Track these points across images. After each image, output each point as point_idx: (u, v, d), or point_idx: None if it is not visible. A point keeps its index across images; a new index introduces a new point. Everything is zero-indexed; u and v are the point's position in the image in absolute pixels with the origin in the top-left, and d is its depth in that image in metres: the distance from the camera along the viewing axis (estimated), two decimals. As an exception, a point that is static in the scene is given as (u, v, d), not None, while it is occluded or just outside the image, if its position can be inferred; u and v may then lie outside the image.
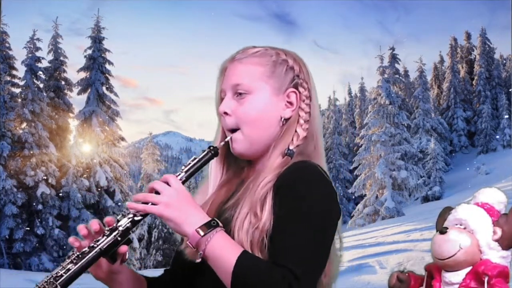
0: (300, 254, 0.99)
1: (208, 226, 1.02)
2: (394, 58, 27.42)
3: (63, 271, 1.01)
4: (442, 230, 1.64)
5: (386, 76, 26.36)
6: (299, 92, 1.19)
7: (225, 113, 1.17)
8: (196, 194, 1.24)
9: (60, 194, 20.55)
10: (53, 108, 21.91)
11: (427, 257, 2.16)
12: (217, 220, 1.04)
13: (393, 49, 27.66)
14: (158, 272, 1.32)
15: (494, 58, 35.38)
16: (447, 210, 1.76)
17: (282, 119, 1.17)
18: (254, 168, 1.21)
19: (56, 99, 22.12)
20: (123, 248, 1.07)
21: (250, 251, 1.03)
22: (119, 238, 1.05)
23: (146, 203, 1.05)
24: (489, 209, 1.65)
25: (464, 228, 1.63)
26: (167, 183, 1.06)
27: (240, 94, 1.16)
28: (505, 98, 32.11)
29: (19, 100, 20.74)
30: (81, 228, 1.09)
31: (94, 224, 1.09)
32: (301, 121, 1.18)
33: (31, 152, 19.84)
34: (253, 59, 1.19)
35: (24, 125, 20.55)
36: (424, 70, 32.97)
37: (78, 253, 1.03)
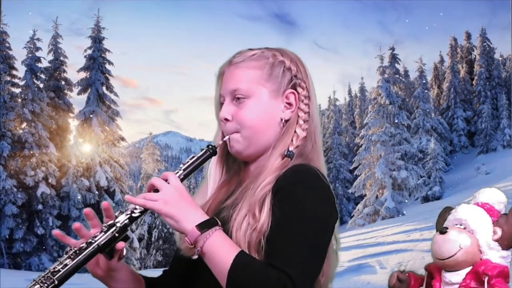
0: (295, 257, 1.00)
1: (208, 224, 1.03)
2: (394, 58, 27.41)
3: (61, 266, 1.02)
4: (442, 230, 1.63)
5: (386, 76, 26.35)
6: (298, 93, 1.19)
7: (226, 119, 1.18)
8: (196, 194, 1.24)
9: (60, 194, 20.56)
10: (53, 108, 21.90)
11: (427, 257, 2.16)
12: (216, 219, 1.04)
13: (393, 49, 27.66)
14: (158, 272, 1.32)
15: (494, 58, 35.30)
16: (447, 210, 1.76)
17: (282, 120, 1.18)
18: (253, 169, 1.21)
19: (56, 99, 22.10)
20: (121, 245, 1.07)
21: (247, 252, 1.03)
22: (116, 234, 1.05)
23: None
24: (489, 209, 1.65)
25: (464, 228, 1.63)
26: (166, 181, 1.06)
27: (239, 98, 1.17)
28: (505, 98, 32.09)
29: (19, 100, 20.73)
30: (88, 212, 1.11)
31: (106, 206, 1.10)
32: (300, 122, 1.18)
33: (31, 152, 19.83)
34: (250, 62, 1.18)
35: (24, 125, 20.54)
36: (424, 70, 32.93)
37: (75, 249, 1.04)
